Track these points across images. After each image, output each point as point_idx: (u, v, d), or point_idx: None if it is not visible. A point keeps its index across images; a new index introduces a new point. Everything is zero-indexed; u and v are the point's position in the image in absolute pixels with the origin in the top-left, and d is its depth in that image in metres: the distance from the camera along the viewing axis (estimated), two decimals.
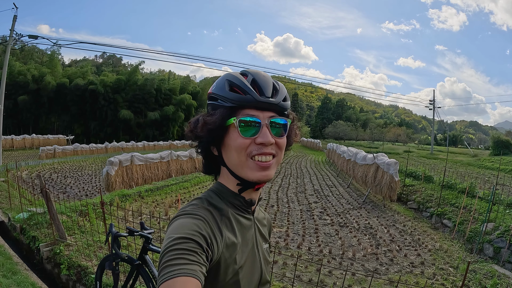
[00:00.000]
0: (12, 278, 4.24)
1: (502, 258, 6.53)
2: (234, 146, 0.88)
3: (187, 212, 0.85)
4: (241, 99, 0.88)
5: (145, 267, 3.14)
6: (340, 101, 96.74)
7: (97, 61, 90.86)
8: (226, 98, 0.89)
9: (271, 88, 0.91)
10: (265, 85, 0.90)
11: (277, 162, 0.93)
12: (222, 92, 0.90)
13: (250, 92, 0.88)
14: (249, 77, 0.91)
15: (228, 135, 0.89)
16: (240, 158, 0.88)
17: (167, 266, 0.69)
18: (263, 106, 0.89)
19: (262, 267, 1.00)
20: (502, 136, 38.31)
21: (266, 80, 0.91)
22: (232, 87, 0.89)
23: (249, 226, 0.98)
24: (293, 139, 1.02)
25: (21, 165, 17.52)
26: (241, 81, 0.89)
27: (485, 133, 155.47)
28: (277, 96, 0.91)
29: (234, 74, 0.92)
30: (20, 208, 7.09)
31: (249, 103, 0.88)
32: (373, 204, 11.26)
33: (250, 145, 0.88)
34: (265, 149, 0.88)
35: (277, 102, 0.90)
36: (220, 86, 0.91)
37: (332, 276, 5.33)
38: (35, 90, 45.29)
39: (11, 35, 18.19)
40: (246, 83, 0.89)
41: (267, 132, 0.88)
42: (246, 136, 0.87)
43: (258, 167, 0.88)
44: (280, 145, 0.92)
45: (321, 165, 24.48)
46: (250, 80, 0.90)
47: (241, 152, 0.88)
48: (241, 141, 0.87)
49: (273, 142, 0.89)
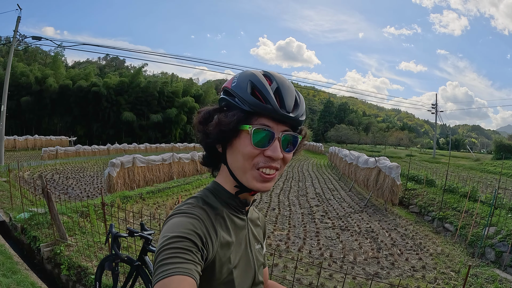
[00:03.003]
0: (12, 277, 4.24)
1: (504, 262, 6.48)
2: (242, 152, 0.86)
3: (182, 211, 0.84)
4: (261, 107, 0.84)
5: (144, 268, 3.14)
6: (342, 105, 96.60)
7: (100, 63, 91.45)
8: (246, 101, 0.85)
9: (293, 102, 0.88)
10: (287, 97, 0.87)
11: (279, 174, 0.92)
12: (242, 93, 0.86)
13: (271, 102, 0.84)
14: (273, 84, 0.88)
15: (239, 138, 0.87)
16: (245, 165, 0.87)
17: (163, 265, 0.70)
18: (280, 119, 0.86)
19: (255, 268, 0.99)
20: (505, 140, 38.23)
21: (290, 93, 0.89)
22: (254, 91, 0.86)
23: (242, 226, 0.98)
24: (297, 152, 1.00)
25: (23, 166, 17.58)
26: (264, 87, 0.86)
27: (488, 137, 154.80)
28: (296, 111, 0.89)
29: (258, 76, 0.88)
30: (22, 208, 7.11)
31: (268, 113, 0.85)
32: (375, 208, 11.22)
33: (258, 156, 0.86)
34: (272, 163, 0.87)
35: (295, 118, 0.88)
36: (241, 85, 0.87)
37: (333, 280, 5.31)
38: (38, 91, 45.53)
39: (15, 36, 18.34)
40: (269, 91, 0.86)
41: (278, 146, 0.86)
42: (257, 146, 0.85)
43: (261, 178, 0.87)
44: (286, 160, 0.90)
45: (323, 169, 24.44)
46: (274, 88, 0.87)
47: (248, 159, 0.86)
48: (250, 149, 0.85)
49: (281, 157, 0.87)
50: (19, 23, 18.28)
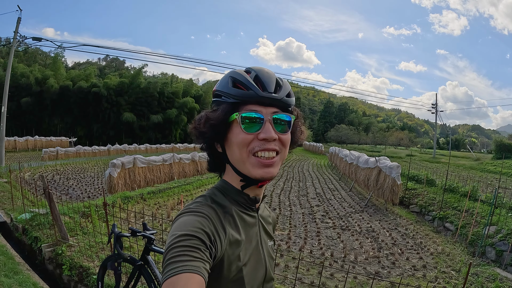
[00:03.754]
0: (14, 278, 4.25)
1: (504, 261, 6.49)
2: (236, 142, 0.88)
3: (190, 209, 0.85)
4: (244, 94, 0.88)
5: (147, 268, 3.14)
6: (342, 105, 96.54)
7: (100, 64, 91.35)
8: (229, 94, 0.89)
9: (274, 84, 0.90)
10: (268, 80, 0.90)
11: (281, 159, 0.92)
12: (225, 89, 0.90)
13: (252, 88, 0.88)
14: (252, 74, 0.91)
15: (231, 131, 0.89)
16: (242, 154, 0.88)
17: (171, 263, 0.70)
18: (266, 102, 0.89)
19: (267, 264, 0.99)
20: (505, 139, 38.16)
21: (269, 76, 0.91)
22: (235, 83, 0.89)
23: (253, 223, 0.98)
24: (299, 136, 1.00)
25: (23, 167, 17.56)
26: (244, 77, 0.89)
27: (488, 137, 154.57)
28: (280, 91, 0.91)
29: (238, 71, 0.92)
30: (23, 209, 7.12)
31: (251, 99, 0.88)
32: (375, 208, 11.23)
33: (252, 141, 0.87)
34: (268, 145, 0.87)
35: (280, 97, 0.90)
36: (223, 83, 0.91)
37: (334, 279, 5.32)
38: (38, 92, 45.51)
39: (15, 37, 18.35)
40: (249, 79, 0.89)
41: (270, 127, 0.87)
42: (248, 131, 0.87)
43: (261, 164, 0.87)
44: (284, 141, 0.91)
45: (323, 169, 24.45)
46: (253, 76, 0.90)
47: (243, 148, 0.88)
48: (243, 136, 0.87)
49: (276, 137, 0.88)
50: (19, 24, 18.31)
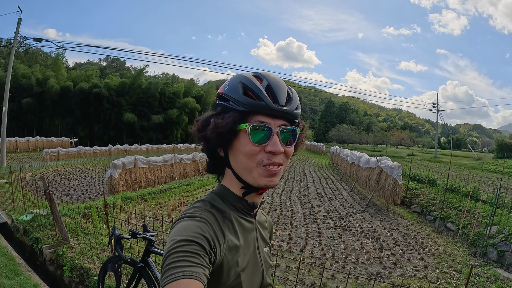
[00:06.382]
0: (15, 279, 4.25)
1: (506, 261, 6.47)
2: (243, 152, 0.87)
3: (190, 214, 0.84)
4: (255, 105, 0.86)
5: (147, 270, 3.14)
6: (343, 105, 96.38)
7: (101, 64, 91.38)
8: (239, 101, 0.87)
9: (285, 96, 0.89)
10: (279, 92, 0.89)
11: (283, 169, 0.92)
12: (235, 95, 0.88)
13: (264, 99, 0.86)
14: (264, 82, 0.89)
15: (238, 139, 0.88)
16: (249, 164, 0.88)
17: (170, 268, 0.70)
18: (275, 114, 0.87)
19: (263, 270, 1.00)
20: (506, 139, 38.11)
21: (281, 87, 0.90)
22: (246, 91, 0.88)
23: (251, 229, 0.98)
24: (299, 146, 1.00)
25: (24, 167, 17.59)
26: (255, 86, 0.87)
27: (489, 136, 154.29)
28: (290, 104, 0.90)
29: (249, 76, 0.90)
30: (24, 209, 7.12)
31: (262, 110, 0.86)
32: (377, 208, 11.21)
33: (259, 153, 0.87)
34: (275, 159, 0.87)
35: (290, 111, 0.89)
36: (233, 87, 0.89)
37: (335, 280, 5.31)
38: (39, 93, 45.52)
39: (16, 38, 18.37)
40: (260, 89, 0.87)
41: (277, 140, 0.87)
42: (256, 143, 0.86)
43: (267, 173, 0.87)
44: (288, 153, 0.91)
45: (324, 169, 24.42)
46: (265, 86, 0.88)
47: (250, 158, 0.87)
48: (251, 147, 0.86)
49: (282, 151, 0.88)
50: (20, 24, 18.33)
